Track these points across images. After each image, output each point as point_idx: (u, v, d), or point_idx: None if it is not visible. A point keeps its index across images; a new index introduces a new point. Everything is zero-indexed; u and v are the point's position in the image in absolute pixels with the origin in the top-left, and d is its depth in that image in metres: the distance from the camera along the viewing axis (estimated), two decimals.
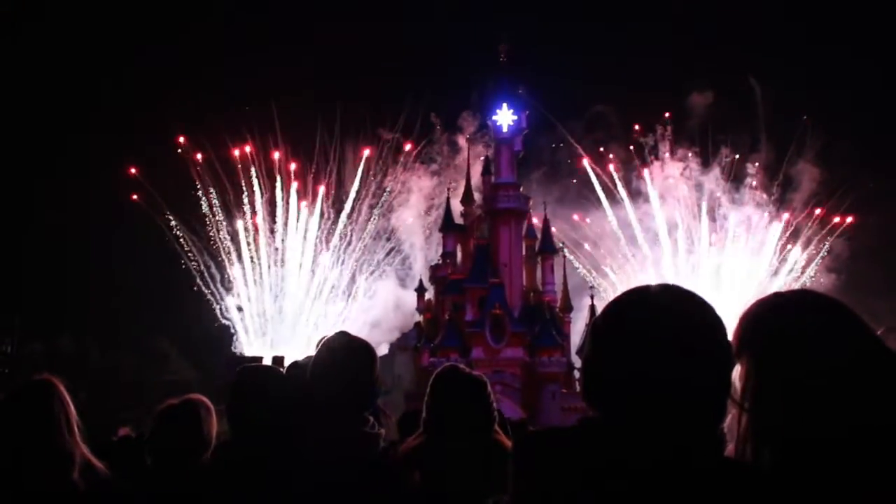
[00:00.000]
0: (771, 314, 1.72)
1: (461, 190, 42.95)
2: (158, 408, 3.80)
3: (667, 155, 43.17)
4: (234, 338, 41.56)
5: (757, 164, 42.27)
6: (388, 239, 43.62)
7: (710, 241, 42.48)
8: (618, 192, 43.44)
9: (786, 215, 42.30)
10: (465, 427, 3.47)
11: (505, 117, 41.59)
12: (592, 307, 39.72)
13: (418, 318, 42.60)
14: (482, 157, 43.08)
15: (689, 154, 42.32)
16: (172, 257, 40.72)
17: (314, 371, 2.88)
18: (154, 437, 3.76)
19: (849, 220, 41.17)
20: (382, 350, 40.74)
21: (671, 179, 42.64)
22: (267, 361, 28.05)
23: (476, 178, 43.06)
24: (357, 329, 37.75)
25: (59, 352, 41.65)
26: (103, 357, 43.15)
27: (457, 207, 42.94)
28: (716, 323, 1.63)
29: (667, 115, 43.11)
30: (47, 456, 2.89)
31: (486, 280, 38.72)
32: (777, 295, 1.78)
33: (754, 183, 42.47)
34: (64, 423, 2.96)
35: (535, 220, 42.41)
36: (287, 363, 3.76)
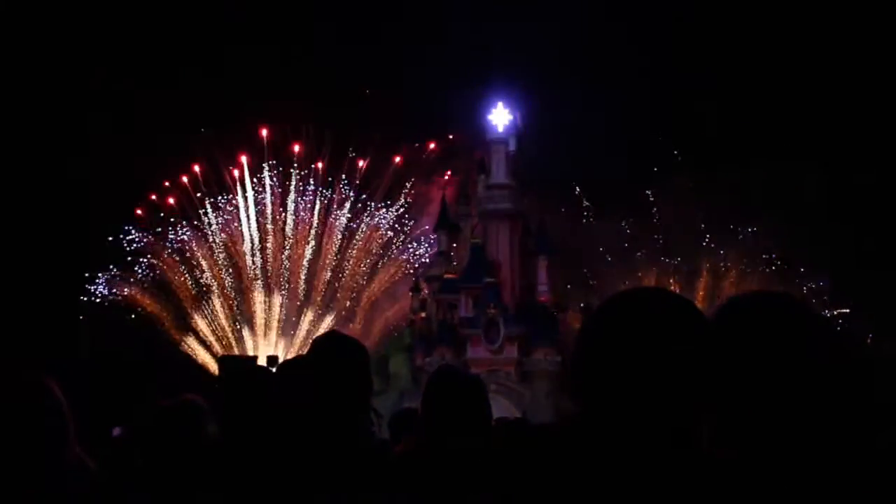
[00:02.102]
0: (734, 318, 1.76)
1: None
2: (152, 407, 3.80)
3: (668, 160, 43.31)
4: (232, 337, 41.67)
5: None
6: (406, 243, 44.12)
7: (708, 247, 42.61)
8: (615, 195, 43.56)
9: None
10: (461, 427, 3.48)
11: (500, 117, 41.58)
12: (587, 307, 39.74)
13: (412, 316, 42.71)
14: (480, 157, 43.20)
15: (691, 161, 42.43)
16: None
17: (304, 370, 2.88)
18: (148, 438, 3.76)
19: None
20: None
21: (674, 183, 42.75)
22: (261, 362, 28.08)
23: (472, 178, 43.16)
24: (367, 330, 37.95)
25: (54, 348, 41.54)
26: (99, 354, 43.02)
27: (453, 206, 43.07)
28: (700, 324, 1.66)
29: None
30: (38, 456, 2.86)
31: (481, 279, 38.74)
32: (738, 298, 1.82)
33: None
34: (55, 421, 2.93)
35: (530, 221, 42.46)
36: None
